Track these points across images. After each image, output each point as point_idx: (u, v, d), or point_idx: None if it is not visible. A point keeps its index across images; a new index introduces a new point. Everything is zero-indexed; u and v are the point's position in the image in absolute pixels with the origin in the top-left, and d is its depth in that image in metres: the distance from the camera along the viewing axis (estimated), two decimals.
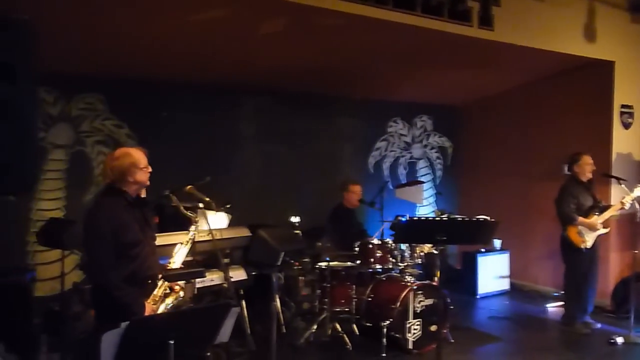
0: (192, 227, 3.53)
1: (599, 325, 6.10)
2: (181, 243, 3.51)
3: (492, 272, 7.90)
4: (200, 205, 3.47)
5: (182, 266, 3.48)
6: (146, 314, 3.08)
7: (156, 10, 4.97)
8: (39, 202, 6.42)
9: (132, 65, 6.40)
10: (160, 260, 3.48)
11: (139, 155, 3.29)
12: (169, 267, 3.40)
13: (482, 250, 7.85)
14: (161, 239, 3.81)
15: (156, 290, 3.23)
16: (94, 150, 6.79)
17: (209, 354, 4.17)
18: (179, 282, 3.38)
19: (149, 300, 3.18)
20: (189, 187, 3.43)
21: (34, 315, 5.18)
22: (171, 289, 3.31)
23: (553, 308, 7.07)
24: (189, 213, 3.51)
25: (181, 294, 3.34)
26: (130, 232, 3.18)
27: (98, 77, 6.63)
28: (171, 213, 4.44)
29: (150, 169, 3.33)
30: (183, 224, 4.03)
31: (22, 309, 4.92)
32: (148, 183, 3.32)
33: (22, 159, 2.08)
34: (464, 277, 7.98)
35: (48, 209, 6.44)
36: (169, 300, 3.28)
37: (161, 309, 3.21)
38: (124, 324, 2.31)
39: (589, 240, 5.83)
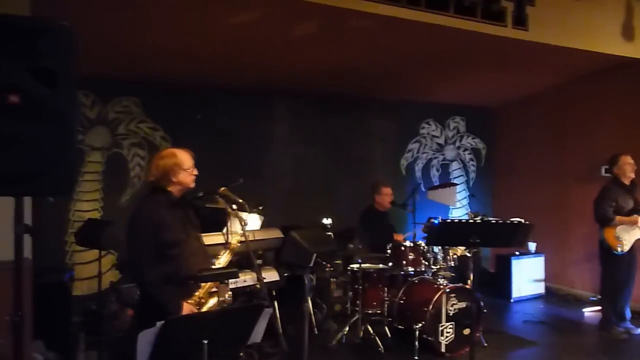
0: (241, 228, 3.55)
1: (639, 331, 5.94)
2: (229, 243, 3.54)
3: (527, 275, 7.78)
4: (234, 206, 3.50)
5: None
6: (184, 314, 3.11)
7: (189, 14, 5.04)
8: (77, 203, 6.58)
9: (167, 69, 6.50)
10: None
11: (184, 157, 3.33)
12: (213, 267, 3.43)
13: (517, 253, 7.74)
14: None
15: (198, 291, 3.26)
16: (130, 152, 6.93)
17: (242, 354, 4.21)
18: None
19: (189, 301, 3.21)
20: (222, 188, 3.47)
21: (73, 314, 5.31)
22: (217, 289, 3.34)
23: (590, 312, 6.92)
24: (239, 213, 3.52)
25: (225, 296, 3.36)
26: (170, 232, 3.21)
27: (133, 80, 6.76)
28: (205, 214, 4.50)
29: (195, 172, 3.36)
30: (216, 225, 4.09)
31: (61, 308, 5.05)
32: (192, 185, 3.35)
33: (62, 161, 2.13)
34: (498, 280, 7.87)
35: (86, 210, 6.60)
36: (214, 301, 3.30)
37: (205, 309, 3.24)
38: (159, 323, 2.36)
39: (626, 243, 5.70)
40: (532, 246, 7.89)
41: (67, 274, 5.48)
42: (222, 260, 3.51)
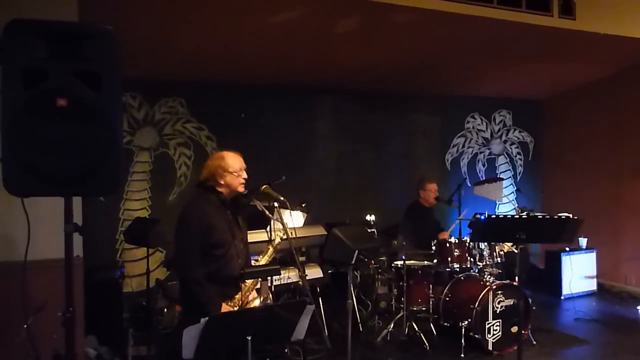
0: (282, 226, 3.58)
1: None
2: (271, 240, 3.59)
3: (578, 271, 7.56)
4: (276, 204, 3.53)
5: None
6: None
7: (232, 14, 5.09)
8: (126, 202, 6.76)
9: (210, 69, 6.60)
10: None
11: (231, 160, 3.38)
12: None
13: (567, 248, 7.53)
14: None
15: (239, 294, 3.29)
16: (176, 152, 7.06)
17: (286, 350, 4.25)
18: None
19: (230, 303, 3.25)
20: (264, 186, 3.50)
21: (124, 310, 5.46)
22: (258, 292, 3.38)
23: None
24: (280, 211, 3.55)
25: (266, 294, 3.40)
26: (216, 233, 3.28)
27: (179, 81, 6.88)
28: (249, 212, 4.56)
29: (244, 175, 3.40)
30: (260, 223, 4.13)
31: (112, 304, 5.20)
32: (240, 189, 3.39)
33: (108, 162, 2.20)
34: (548, 277, 7.68)
35: (135, 209, 6.77)
36: (256, 302, 3.34)
37: None
38: (203, 320, 2.41)
39: None
40: (582, 242, 7.67)
41: (118, 271, 5.63)
42: (266, 257, 3.55)
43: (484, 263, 5.71)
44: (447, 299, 5.53)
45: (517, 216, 4.41)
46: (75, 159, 2.13)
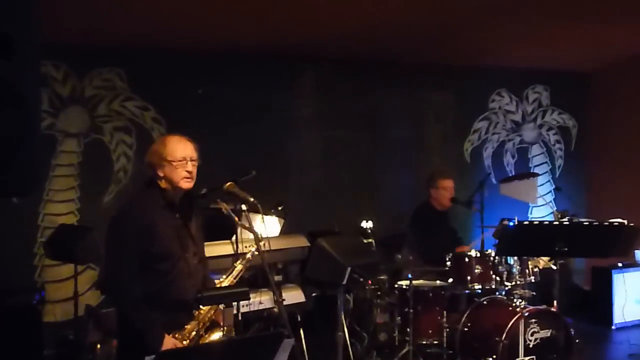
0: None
1: None
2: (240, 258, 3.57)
3: (633, 294, 7.65)
4: (244, 207, 3.51)
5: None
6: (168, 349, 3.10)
7: None
8: (47, 204, 6.70)
9: (159, 32, 6.57)
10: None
11: (173, 146, 3.32)
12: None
13: (620, 265, 7.61)
14: None
15: (190, 323, 3.26)
16: (114, 139, 7.03)
17: None
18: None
19: (178, 335, 3.21)
20: (229, 184, 3.49)
21: (45, 345, 5.42)
22: (214, 322, 3.36)
23: None
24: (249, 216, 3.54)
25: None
26: (160, 241, 3.25)
27: (117, 47, 6.85)
28: (209, 217, 4.55)
29: (189, 168, 3.32)
30: (222, 231, 4.12)
31: (29, 337, 5.16)
32: (182, 185, 3.31)
33: (23, 151, 2.17)
34: (595, 300, 7.79)
35: (58, 214, 6.72)
36: (217, 336, 3.31)
37: None
38: (148, 359, 2.39)
39: None
40: (639, 255, 7.76)
41: (37, 295, 5.60)
42: (230, 277, 3.52)
43: (514, 283, 5.73)
44: (466, 329, 5.55)
45: (557, 222, 4.44)
46: None
